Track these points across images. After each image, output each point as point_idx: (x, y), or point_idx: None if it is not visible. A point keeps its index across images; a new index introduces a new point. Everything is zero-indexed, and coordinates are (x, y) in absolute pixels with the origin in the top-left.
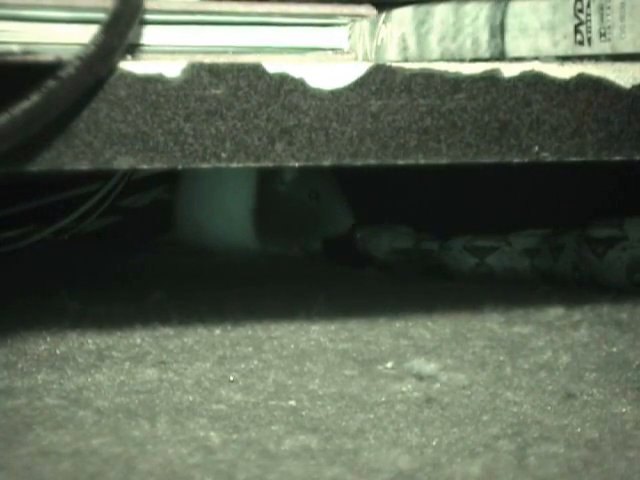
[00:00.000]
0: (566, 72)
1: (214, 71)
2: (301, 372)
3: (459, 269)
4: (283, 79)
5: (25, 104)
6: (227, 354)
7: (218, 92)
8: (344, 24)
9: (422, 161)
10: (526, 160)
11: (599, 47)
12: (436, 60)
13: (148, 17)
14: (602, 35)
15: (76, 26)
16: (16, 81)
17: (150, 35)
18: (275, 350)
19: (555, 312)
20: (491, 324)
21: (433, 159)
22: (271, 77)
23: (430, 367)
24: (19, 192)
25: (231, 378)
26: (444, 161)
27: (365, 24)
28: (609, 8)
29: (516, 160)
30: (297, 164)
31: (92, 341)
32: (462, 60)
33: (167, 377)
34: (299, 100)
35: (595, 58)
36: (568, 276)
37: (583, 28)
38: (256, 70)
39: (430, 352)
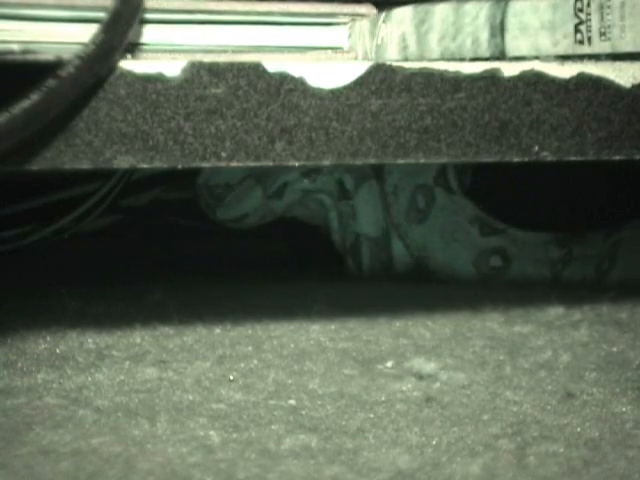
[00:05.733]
0: (566, 71)
1: (214, 70)
2: (301, 371)
3: None
4: (283, 78)
5: (25, 103)
6: (227, 353)
7: (218, 91)
8: (344, 23)
9: (422, 160)
10: (526, 159)
11: (599, 46)
12: (436, 59)
13: (148, 16)
14: (602, 34)
15: (76, 25)
16: (16, 80)
17: (150, 34)
18: (275, 349)
19: (555, 312)
20: (491, 324)
21: (433, 158)
22: (271, 76)
23: (430, 366)
24: (19, 192)
25: (231, 377)
26: (444, 160)
27: (365, 23)
28: (609, 7)
29: (516, 159)
30: (297, 163)
31: (92, 340)
32: (462, 59)
33: (167, 376)
34: (299, 99)
35: (595, 57)
36: None
37: (583, 27)
38: (256, 69)
39: (430, 351)
